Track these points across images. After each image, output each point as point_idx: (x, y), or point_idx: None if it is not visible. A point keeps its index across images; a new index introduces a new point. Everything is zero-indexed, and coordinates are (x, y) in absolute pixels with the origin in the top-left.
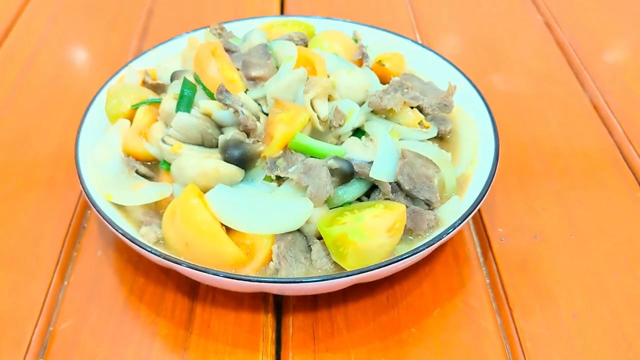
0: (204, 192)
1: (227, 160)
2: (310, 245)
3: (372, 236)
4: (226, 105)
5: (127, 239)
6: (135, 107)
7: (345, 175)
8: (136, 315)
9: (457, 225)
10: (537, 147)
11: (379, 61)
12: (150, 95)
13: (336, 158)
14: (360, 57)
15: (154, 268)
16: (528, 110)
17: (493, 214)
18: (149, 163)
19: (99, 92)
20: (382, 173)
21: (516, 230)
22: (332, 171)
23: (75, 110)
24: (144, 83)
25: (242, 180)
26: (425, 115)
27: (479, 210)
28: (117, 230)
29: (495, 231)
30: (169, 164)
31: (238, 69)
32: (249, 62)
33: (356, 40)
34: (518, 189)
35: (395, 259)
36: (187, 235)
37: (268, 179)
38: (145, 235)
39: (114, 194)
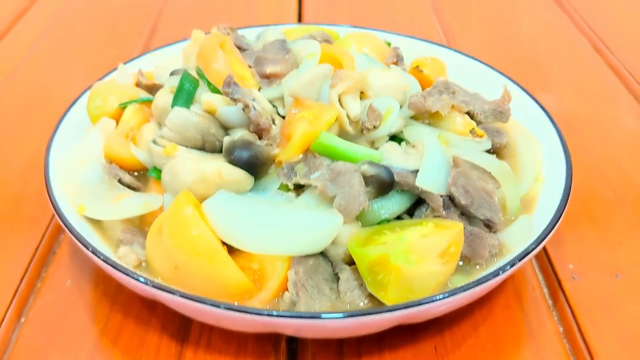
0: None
1: (234, 163)
2: (337, 273)
3: (420, 261)
4: (234, 100)
5: (97, 256)
6: (123, 107)
7: (383, 184)
8: None
9: (532, 250)
10: (602, 174)
11: (417, 66)
12: (143, 95)
13: (371, 163)
14: (394, 60)
15: (134, 302)
16: (586, 132)
17: (560, 248)
18: (136, 174)
19: (83, 93)
20: (430, 181)
21: (591, 267)
22: (367, 179)
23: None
24: (138, 84)
25: (250, 190)
26: (477, 124)
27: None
28: (84, 245)
29: (564, 268)
30: (160, 172)
31: (250, 67)
32: (263, 58)
33: (389, 44)
34: (586, 220)
35: (458, 289)
36: (176, 255)
37: (284, 187)
38: (124, 257)
39: (88, 206)
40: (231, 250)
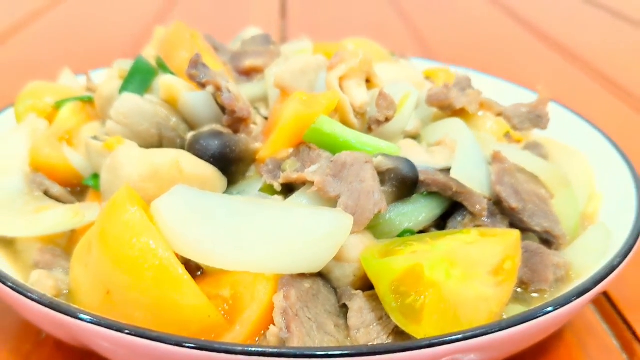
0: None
1: (199, 156)
2: (344, 304)
3: (467, 278)
4: (202, 85)
5: None
6: (58, 106)
7: (405, 183)
8: None
9: (619, 264)
10: None
11: (427, 77)
12: None
13: (387, 155)
14: None
15: None
16: None
17: (624, 292)
18: (70, 190)
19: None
20: (469, 176)
21: None
22: (382, 175)
23: None
24: (88, 90)
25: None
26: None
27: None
28: None
29: (637, 315)
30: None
31: (225, 64)
32: (241, 52)
33: (393, 54)
34: None
35: (539, 311)
36: (109, 275)
37: (268, 189)
38: (38, 283)
39: None
40: (190, 271)
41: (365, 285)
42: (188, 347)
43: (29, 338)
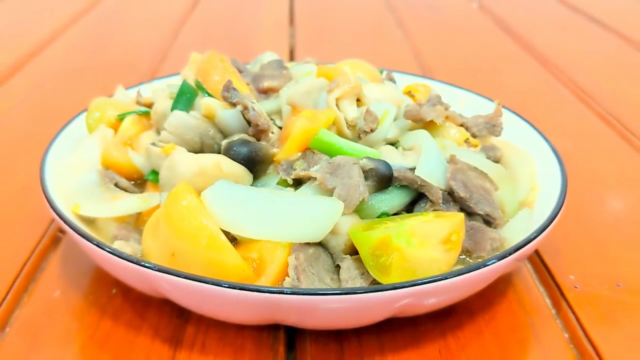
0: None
1: (233, 158)
2: (337, 265)
3: (422, 245)
4: (233, 104)
5: (94, 243)
6: (121, 118)
7: (382, 178)
8: None
9: (536, 237)
10: (596, 197)
11: (409, 91)
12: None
13: (370, 158)
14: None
15: (126, 310)
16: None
17: (558, 260)
18: (133, 182)
19: (82, 111)
20: (429, 173)
21: (592, 278)
22: (366, 174)
23: None
24: (137, 103)
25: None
26: (471, 137)
27: (540, 255)
28: (80, 234)
29: (565, 278)
30: (157, 174)
31: (248, 84)
32: (260, 75)
33: (382, 72)
34: (583, 237)
35: (466, 269)
36: (174, 242)
37: (283, 183)
38: (120, 250)
39: (82, 205)
40: (229, 241)
41: (353, 251)
42: (224, 287)
43: (104, 293)
